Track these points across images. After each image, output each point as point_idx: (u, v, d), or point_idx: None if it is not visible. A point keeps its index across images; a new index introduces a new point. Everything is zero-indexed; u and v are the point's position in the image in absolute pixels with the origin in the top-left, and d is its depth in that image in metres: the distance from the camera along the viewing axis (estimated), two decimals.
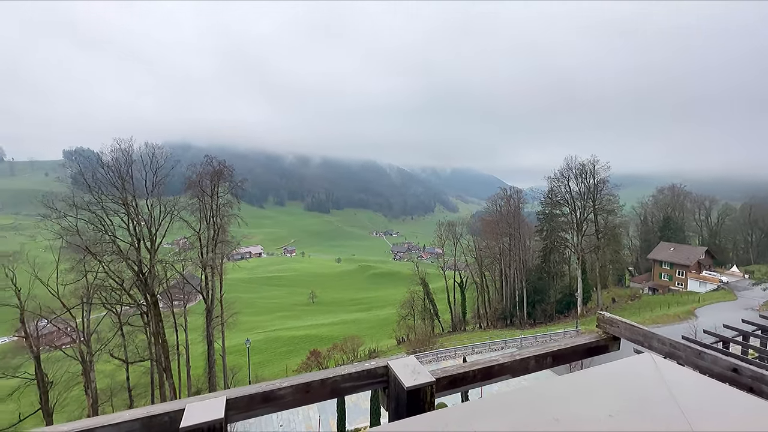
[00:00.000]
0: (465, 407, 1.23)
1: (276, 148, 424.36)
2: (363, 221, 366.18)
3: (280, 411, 1.47)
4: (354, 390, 1.61)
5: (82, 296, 28.10)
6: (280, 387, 1.49)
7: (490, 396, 1.31)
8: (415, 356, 1.72)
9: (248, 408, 1.41)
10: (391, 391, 1.63)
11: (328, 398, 1.59)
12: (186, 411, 1.31)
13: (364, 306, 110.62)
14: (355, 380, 1.61)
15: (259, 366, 52.40)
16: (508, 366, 1.97)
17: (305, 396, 1.51)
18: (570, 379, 1.49)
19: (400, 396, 1.51)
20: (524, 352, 2.08)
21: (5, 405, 30.02)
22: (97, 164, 23.43)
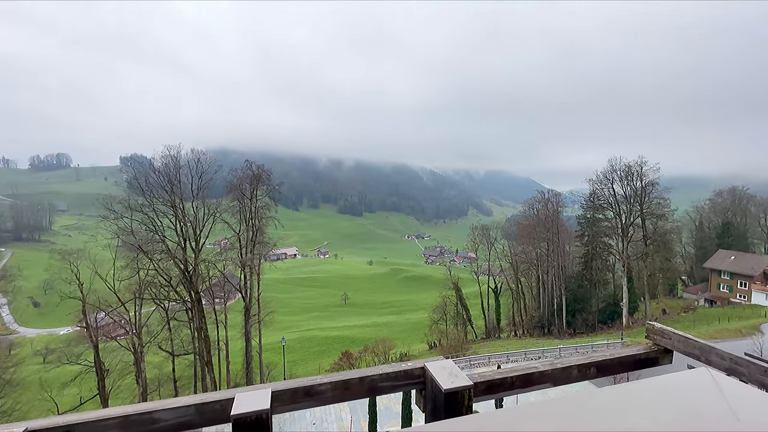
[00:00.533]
0: (507, 412, 1.17)
1: (310, 152, 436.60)
2: (395, 224, 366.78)
3: (320, 406, 1.53)
4: (391, 390, 1.63)
5: (134, 291, 30.36)
6: (321, 383, 1.54)
7: (533, 403, 1.22)
8: None
9: (292, 401, 1.48)
10: (428, 393, 1.62)
11: (366, 396, 1.62)
12: (236, 400, 1.39)
13: (395, 309, 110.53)
14: (392, 380, 1.62)
15: (293, 364, 53.84)
16: (549, 374, 1.90)
17: (344, 393, 1.55)
18: (618, 390, 1.37)
19: (438, 398, 1.51)
20: (566, 361, 1.99)
21: (69, 389, 32.92)
22: (149, 169, 25.35)
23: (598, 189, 51.55)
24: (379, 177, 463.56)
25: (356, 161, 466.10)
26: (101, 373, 31.32)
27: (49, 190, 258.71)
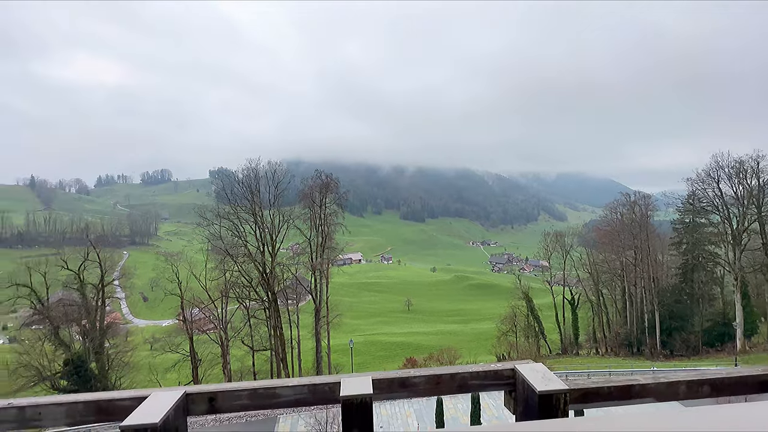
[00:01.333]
0: (611, 419, 1.08)
1: (374, 160, 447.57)
2: (459, 230, 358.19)
3: (413, 397, 1.62)
4: (480, 388, 1.65)
5: (221, 291, 34.01)
6: (414, 375, 1.62)
7: (641, 413, 1.09)
8: None
9: (389, 389, 1.58)
10: (518, 394, 1.61)
11: (455, 392, 1.67)
12: (342, 384, 1.54)
13: (460, 318, 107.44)
14: (482, 379, 1.64)
15: (358, 367, 55.21)
16: (652, 388, 1.74)
17: (435, 387, 1.62)
18: (739, 410, 1.19)
19: (531, 400, 1.49)
20: (673, 376, 1.80)
21: (170, 374, 37.70)
22: (234, 181, 28.40)
23: (699, 189, 44.57)
24: (442, 182, 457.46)
25: (418, 168, 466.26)
26: (195, 362, 35.49)
27: (155, 201, 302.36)
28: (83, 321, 27.92)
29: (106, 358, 27.66)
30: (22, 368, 25.50)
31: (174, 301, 38.59)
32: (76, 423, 1.45)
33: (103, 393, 1.49)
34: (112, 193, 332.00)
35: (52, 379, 25.54)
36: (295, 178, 33.06)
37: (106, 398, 1.44)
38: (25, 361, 25.59)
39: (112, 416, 1.44)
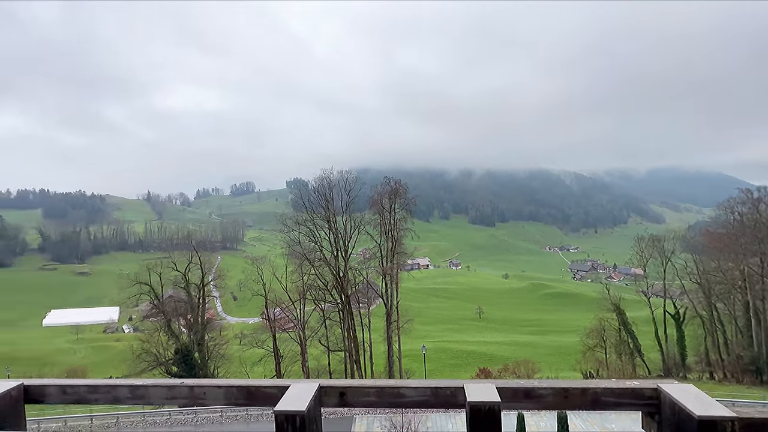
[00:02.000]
0: None
1: (440, 164, 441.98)
2: (533, 235, 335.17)
3: (539, 409, 1.53)
4: (615, 407, 1.48)
5: (299, 292, 36.44)
6: (540, 387, 1.54)
7: None
8: None
9: (513, 399, 1.52)
10: (665, 418, 1.41)
11: (585, 408, 1.53)
12: (466, 389, 1.53)
13: (537, 328, 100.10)
14: (617, 396, 1.48)
15: (428, 374, 54.52)
16: None
17: (563, 401, 1.51)
18: None
19: (685, 426, 1.30)
20: None
21: (257, 368, 41.35)
22: (310, 190, 30.41)
23: None
24: (513, 184, 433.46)
25: (487, 170, 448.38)
26: (277, 358, 38.42)
27: (241, 211, 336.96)
28: (188, 316, 32.18)
29: (206, 350, 31.44)
30: (144, 353, 30.32)
31: (259, 301, 42.48)
32: (231, 404, 1.68)
33: (251, 380, 1.71)
34: (207, 204, 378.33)
35: (166, 365, 29.89)
36: (366, 185, 34.21)
37: (254, 385, 1.64)
38: (146, 348, 30.38)
39: (259, 401, 1.63)
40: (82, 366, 59.84)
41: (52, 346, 76.48)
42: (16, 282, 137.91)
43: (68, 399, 1.77)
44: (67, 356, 69.19)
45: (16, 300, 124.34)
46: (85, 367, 59.37)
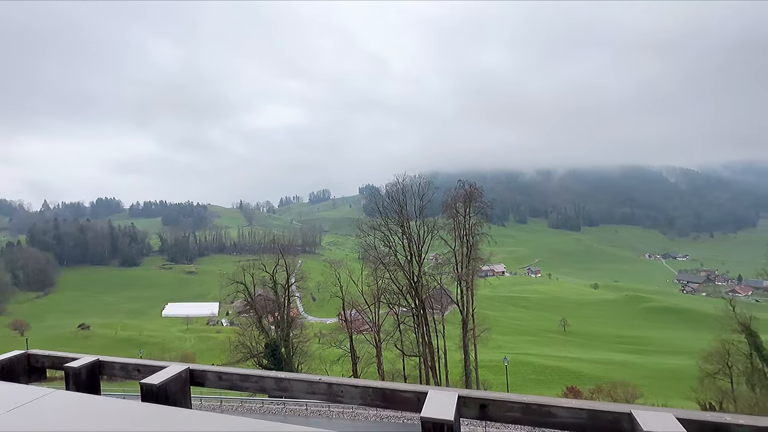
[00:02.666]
0: None
1: (515, 165, 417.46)
2: (628, 240, 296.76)
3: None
4: None
5: (374, 296, 37.37)
6: (737, 423, 1.30)
7: None
8: None
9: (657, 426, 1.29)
10: None
11: None
12: (636, 416, 1.35)
13: (635, 347, 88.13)
14: None
15: (511, 387, 51.39)
16: None
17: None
18: None
19: None
20: None
21: (335, 366, 43.36)
22: (384, 196, 31.18)
23: None
24: (602, 184, 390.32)
25: (568, 169, 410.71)
26: (354, 359, 39.80)
27: (318, 217, 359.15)
28: (276, 313, 35.22)
29: (291, 346, 34.01)
30: (240, 345, 33.95)
31: (336, 302, 44.62)
32: (367, 404, 1.75)
33: (387, 383, 1.77)
34: (289, 211, 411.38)
35: (257, 357, 33.08)
36: (439, 189, 33.92)
37: (390, 388, 1.69)
38: (242, 341, 34.00)
39: (396, 405, 1.66)
40: (192, 352, 69.18)
41: (169, 334, 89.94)
42: (142, 278, 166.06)
43: (223, 384, 2.03)
44: (180, 343, 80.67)
45: (142, 294, 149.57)
46: (194, 354, 68.50)
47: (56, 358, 2.48)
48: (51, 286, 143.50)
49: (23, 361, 2.47)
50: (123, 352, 68.58)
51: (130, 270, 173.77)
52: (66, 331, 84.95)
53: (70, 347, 69.69)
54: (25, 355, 2.51)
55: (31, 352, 2.55)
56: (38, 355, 2.53)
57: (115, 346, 75.87)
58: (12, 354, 2.47)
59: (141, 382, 1.96)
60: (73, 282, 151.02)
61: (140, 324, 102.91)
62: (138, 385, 2.02)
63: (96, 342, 78.58)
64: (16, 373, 2.41)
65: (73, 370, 2.21)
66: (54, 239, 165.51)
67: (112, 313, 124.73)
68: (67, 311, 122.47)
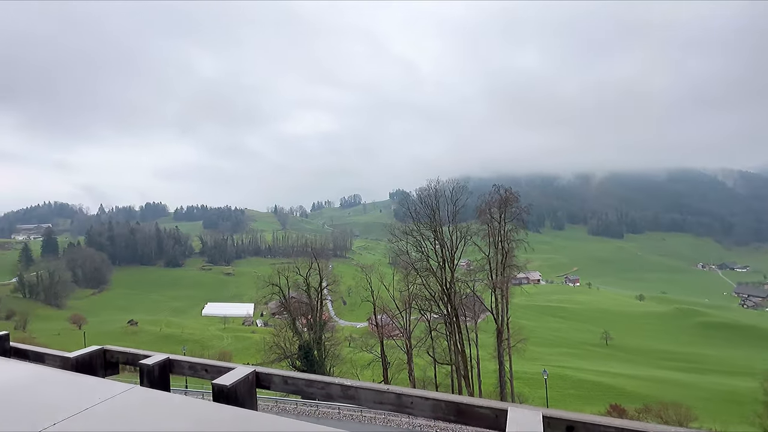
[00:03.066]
0: None
1: (550, 169, 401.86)
2: (678, 249, 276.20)
3: None
4: None
5: (405, 301, 37.14)
6: None
7: None
8: None
9: None
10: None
11: None
12: None
13: (687, 365, 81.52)
14: None
15: (543, 402, 49.08)
16: None
17: None
18: None
19: None
20: None
21: (366, 371, 43.42)
22: (415, 200, 31.04)
23: None
24: (647, 188, 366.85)
25: (609, 173, 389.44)
26: (385, 364, 39.67)
27: (349, 221, 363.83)
28: (309, 316, 35.93)
29: (323, 349, 34.50)
30: (275, 346, 34.91)
31: (366, 306, 44.82)
32: (438, 418, 1.69)
33: (461, 397, 1.69)
34: (321, 216, 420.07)
35: (291, 358, 33.84)
36: (473, 195, 33.29)
37: (465, 402, 1.62)
38: (276, 342, 34.96)
39: (472, 421, 1.58)
40: (229, 351, 72.05)
41: (208, 333, 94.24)
42: (185, 278, 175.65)
43: (288, 389, 2.06)
44: (218, 342, 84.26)
45: (184, 293, 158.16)
46: (231, 352, 71.28)
47: (129, 355, 2.65)
48: (105, 283, 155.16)
49: (100, 356, 2.66)
50: (167, 348, 72.64)
51: (174, 270, 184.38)
52: (117, 327, 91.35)
53: (121, 342, 74.85)
54: (102, 351, 2.70)
55: (107, 348, 2.74)
56: (113, 351, 2.72)
57: (159, 341, 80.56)
58: (91, 349, 2.67)
59: (213, 383, 2.02)
60: (124, 280, 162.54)
61: (182, 322, 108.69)
62: (201, 382, 2.10)
63: (143, 338, 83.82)
64: (94, 366, 2.59)
65: (147, 367, 2.35)
66: (108, 240, 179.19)
67: (157, 310, 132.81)
68: (119, 307, 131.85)
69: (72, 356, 2.53)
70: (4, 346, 2.96)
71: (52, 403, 1.64)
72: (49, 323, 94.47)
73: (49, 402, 1.67)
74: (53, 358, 2.73)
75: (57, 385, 1.86)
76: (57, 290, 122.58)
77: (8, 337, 3.03)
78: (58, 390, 1.80)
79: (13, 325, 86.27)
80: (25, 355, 2.99)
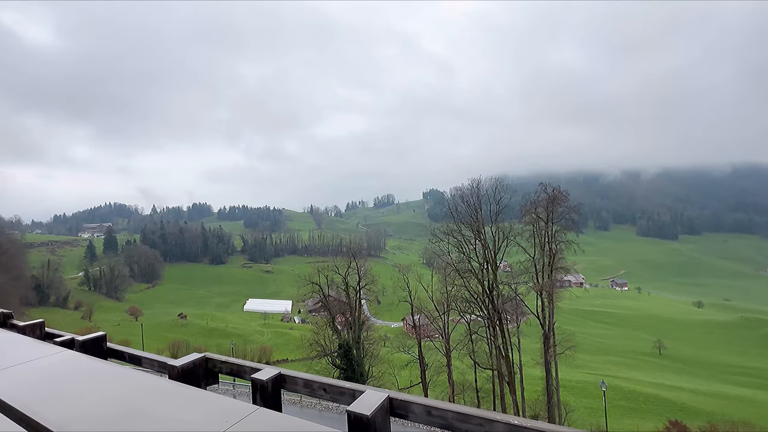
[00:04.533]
0: None
1: (594, 166, 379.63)
2: (743, 252, 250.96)
3: None
4: None
5: (442, 302, 36.44)
6: None
7: None
8: None
9: None
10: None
11: None
12: None
13: (755, 380, 73.92)
14: None
15: (592, 413, 46.31)
16: None
17: None
18: None
19: None
20: None
21: (404, 371, 43.21)
22: (458, 199, 30.33)
23: None
24: (705, 186, 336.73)
25: (662, 169, 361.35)
26: (423, 366, 39.19)
27: (383, 221, 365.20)
28: (347, 315, 36.28)
29: (362, 348, 34.68)
30: (315, 343, 35.60)
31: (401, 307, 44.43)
32: None
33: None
34: (355, 215, 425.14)
35: (331, 356, 34.35)
36: (516, 194, 32.02)
37: None
38: (317, 339, 35.64)
39: None
40: (269, 346, 74.71)
41: (250, 328, 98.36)
42: (228, 275, 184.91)
43: (433, 422, 1.79)
44: (259, 336, 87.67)
45: (227, 289, 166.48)
46: (272, 347, 73.88)
47: (234, 366, 2.54)
48: (158, 279, 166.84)
49: (202, 365, 2.57)
50: (213, 341, 76.72)
51: (218, 267, 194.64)
52: (169, 319, 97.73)
53: (173, 333, 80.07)
54: (204, 359, 2.60)
55: (209, 356, 2.64)
56: (216, 360, 2.62)
57: (206, 334, 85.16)
58: (193, 357, 2.57)
59: (348, 410, 1.78)
60: (174, 276, 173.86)
61: (225, 316, 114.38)
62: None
63: (191, 330, 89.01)
64: (197, 376, 2.50)
65: (260, 383, 2.21)
66: (160, 238, 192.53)
67: (203, 305, 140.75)
68: (170, 301, 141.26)
69: (178, 364, 2.44)
70: (101, 347, 2.99)
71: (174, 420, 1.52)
72: (111, 314, 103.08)
73: (170, 419, 1.55)
74: (151, 362, 2.69)
75: (168, 399, 1.73)
76: (117, 284, 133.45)
77: (105, 338, 3.06)
78: (171, 406, 1.67)
79: (80, 315, 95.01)
80: (121, 357, 3.00)
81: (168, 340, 65.20)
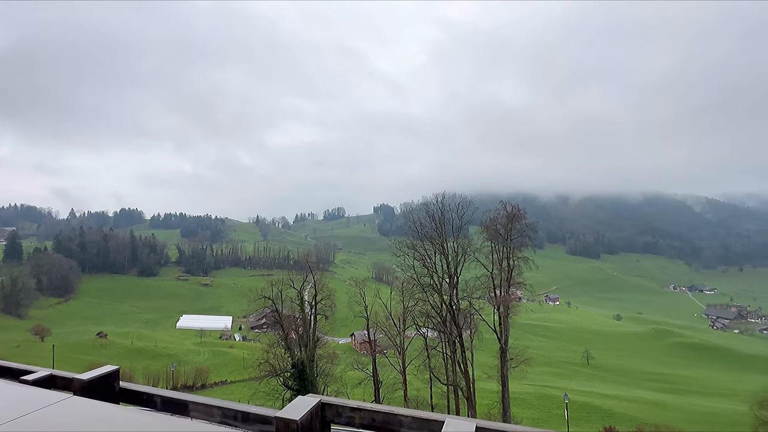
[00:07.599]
0: None
1: (531, 188, 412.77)
2: (651, 270, 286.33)
3: None
4: None
5: (400, 317, 36.13)
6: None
7: None
8: None
9: None
10: None
11: None
12: None
13: (666, 385, 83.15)
14: None
15: (535, 424, 48.35)
16: None
17: None
18: None
19: None
20: None
21: (357, 389, 41.62)
22: (424, 214, 30.57)
23: None
24: (622, 211, 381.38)
25: (588, 194, 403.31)
26: (377, 383, 38.18)
27: (333, 234, 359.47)
28: (301, 331, 34.34)
29: (316, 367, 32.88)
30: (264, 363, 33.01)
31: (354, 322, 43.34)
32: None
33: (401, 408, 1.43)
34: (303, 228, 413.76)
35: (283, 376, 32.01)
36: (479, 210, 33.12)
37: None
38: (266, 358, 33.08)
39: None
40: (206, 366, 68.25)
41: (183, 347, 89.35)
42: (159, 289, 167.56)
43: None
44: (194, 356, 79.84)
45: (158, 304, 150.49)
46: (209, 368, 67.50)
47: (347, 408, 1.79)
48: (72, 292, 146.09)
49: (318, 410, 1.76)
50: (138, 363, 68.09)
51: (148, 280, 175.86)
52: (85, 339, 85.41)
53: (89, 355, 69.71)
54: (320, 404, 1.80)
55: (325, 400, 1.86)
56: (336, 405, 1.82)
57: (130, 356, 75.60)
58: (309, 403, 1.80)
59: None
60: (94, 289, 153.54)
61: (154, 335, 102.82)
62: None
63: (113, 350, 78.58)
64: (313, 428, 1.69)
65: None
66: (78, 246, 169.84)
67: (128, 322, 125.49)
68: (86, 318, 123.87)
69: (250, 412, 1.64)
70: (113, 385, 2.08)
71: None
72: (9, 333, 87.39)
73: None
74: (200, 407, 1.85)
75: None
76: (19, 298, 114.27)
77: (118, 374, 2.13)
78: None
79: None
80: (138, 399, 2.09)
81: (84, 363, 56.45)
